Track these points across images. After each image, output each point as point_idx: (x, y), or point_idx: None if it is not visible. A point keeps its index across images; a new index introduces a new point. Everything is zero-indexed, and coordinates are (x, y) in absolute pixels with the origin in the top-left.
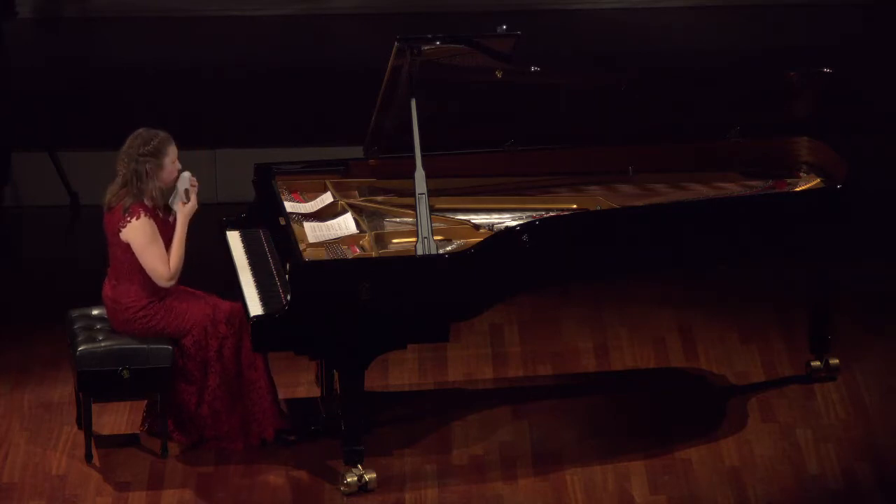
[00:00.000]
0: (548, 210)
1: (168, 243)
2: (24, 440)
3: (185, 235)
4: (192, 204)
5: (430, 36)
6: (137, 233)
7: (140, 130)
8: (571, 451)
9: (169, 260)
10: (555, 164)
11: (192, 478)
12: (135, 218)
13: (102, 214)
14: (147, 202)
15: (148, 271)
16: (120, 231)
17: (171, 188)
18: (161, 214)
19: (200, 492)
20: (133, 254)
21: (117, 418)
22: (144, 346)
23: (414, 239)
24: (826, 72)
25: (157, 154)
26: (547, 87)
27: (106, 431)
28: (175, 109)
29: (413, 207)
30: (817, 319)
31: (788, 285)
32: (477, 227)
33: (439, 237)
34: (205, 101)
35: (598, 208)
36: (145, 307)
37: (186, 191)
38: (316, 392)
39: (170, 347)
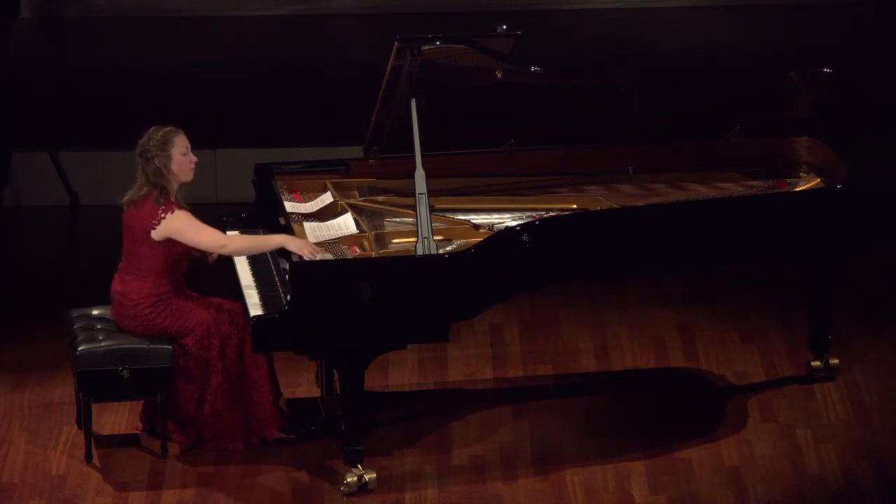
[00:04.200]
0: (548, 210)
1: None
2: (24, 440)
3: (260, 241)
4: (303, 246)
5: (430, 36)
6: (180, 222)
7: (150, 129)
8: (571, 451)
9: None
10: (555, 164)
11: (192, 478)
12: (170, 212)
13: (120, 212)
14: (172, 198)
15: (206, 247)
16: (154, 228)
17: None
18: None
19: (200, 492)
20: (156, 250)
21: (117, 418)
22: (144, 345)
23: (414, 239)
24: (826, 72)
25: (165, 145)
26: (547, 87)
27: (106, 431)
28: (175, 109)
29: (413, 207)
30: (817, 319)
31: (788, 285)
32: (477, 227)
33: (439, 237)
34: (205, 101)
35: (598, 208)
36: (153, 305)
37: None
38: (316, 392)
39: (169, 347)
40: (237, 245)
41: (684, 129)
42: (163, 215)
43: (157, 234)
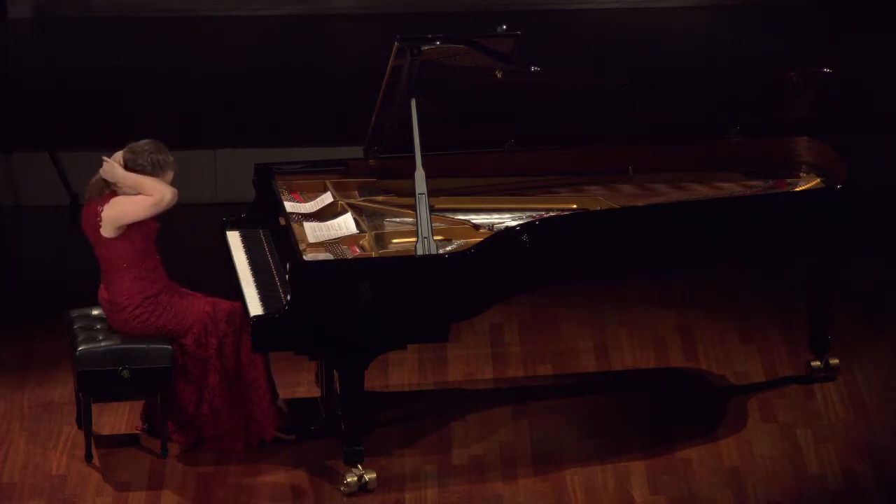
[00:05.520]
0: (548, 210)
1: (143, 232)
2: (24, 440)
3: (136, 177)
4: (108, 166)
5: (430, 36)
6: (118, 206)
7: (156, 141)
8: (571, 451)
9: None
10: (555, 164)
11: (192, 478)
12: (106, 203)
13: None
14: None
15: (148, 212)
16: (100, 226)
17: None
18: None
19: (200, 492)
20: (114, 248)
21: (117, 418)
22: (144, 345)
23: (414, 239)
24: (826, 72)
25: (156, 170)
26: (547, 87)
27: (106, 431)
28: (175, 109)
29: (413, 207)
30: (817, 319)
31: (788, 285)
32: (477, 227)
33: (439, 237)
34: (205, 101)
35: (598, 208)
36: (140, 305)
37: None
38: (316, 392)
39: (169, 347)
40: (162, 189)
41: (684, 129)
42: (100, 209)
43: (105, 231)
